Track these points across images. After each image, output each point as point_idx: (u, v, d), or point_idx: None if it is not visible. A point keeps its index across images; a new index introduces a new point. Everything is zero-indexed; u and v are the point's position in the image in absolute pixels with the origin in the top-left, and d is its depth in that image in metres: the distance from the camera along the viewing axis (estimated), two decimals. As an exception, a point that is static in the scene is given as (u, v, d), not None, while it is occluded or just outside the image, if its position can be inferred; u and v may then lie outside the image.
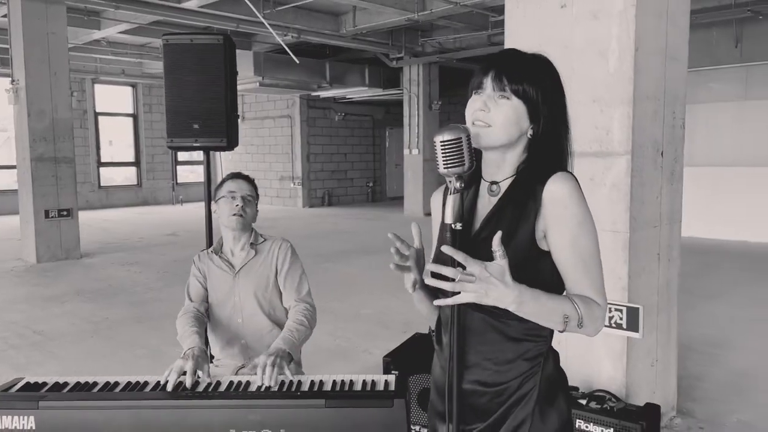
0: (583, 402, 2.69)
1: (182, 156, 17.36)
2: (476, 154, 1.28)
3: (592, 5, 2.91)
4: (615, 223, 2.93)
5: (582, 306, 1.22)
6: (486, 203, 1.35)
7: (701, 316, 5.42)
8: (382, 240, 9.88)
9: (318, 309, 2.50)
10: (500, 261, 1.14)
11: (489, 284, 1.13)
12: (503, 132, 1.27)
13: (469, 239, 1.29)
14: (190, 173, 17.98)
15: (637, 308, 2.86)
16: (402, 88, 14.02)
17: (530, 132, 1.30)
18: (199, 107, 2.84)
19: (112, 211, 15.07)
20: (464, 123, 1.31)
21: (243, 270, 2.47)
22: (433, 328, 1.45)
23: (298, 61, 9.60)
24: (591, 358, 3.04)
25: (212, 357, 2.55)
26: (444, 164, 1.19)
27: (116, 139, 16.83)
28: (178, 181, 17.50)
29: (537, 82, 1.29)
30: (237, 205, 2.41)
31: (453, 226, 1.20)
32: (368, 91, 14.67)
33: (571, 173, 1.30)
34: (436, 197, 1.48)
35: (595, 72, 2.93)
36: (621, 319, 2.89)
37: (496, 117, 1.27)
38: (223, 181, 2.53)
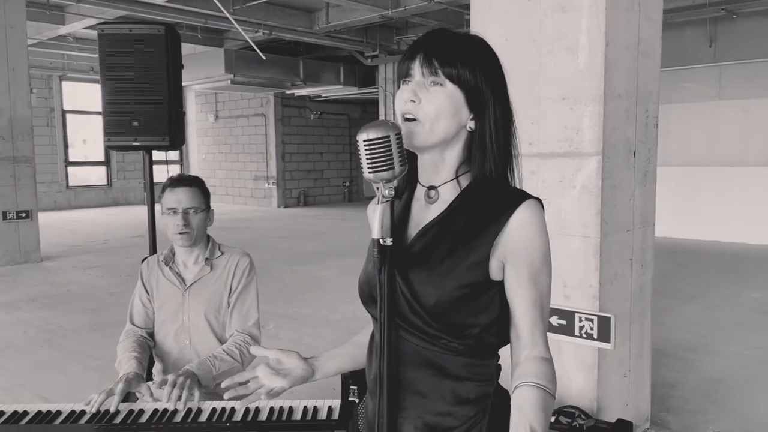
0: (552, 419, 2.52)
1: (156, 155, 16.94)
2: (410, 155, 1.10)
3: (560, -3, 2.75)
4: (585, 227, 2.78)
5: (551, 385, 1.08)
6: (422, 210, 1.15)
7: (675, 319, 5.32)
8: (357, 241, 9.73)
9: (285, 315, 2.29)
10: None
11: None
12: (438, 126, 1.08)
13: (401, 252, 1.10)
14: (163, 172, 17.61)
15: (609, 317, 2.70)
16: (377, 86, 13.84)
17: (470, 125, 1.11)
18: (139, 104, 2.61)
19: (81, 212, 14.67)
20: (395, 102, 1.13)
21: (194, 286, 2.24)
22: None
23: (264, 58, 9.36)
24: (561, 371, 2.87)
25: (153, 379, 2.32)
26: (369, 168, 1.00)
27: (90, 138, 16.40)
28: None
29: (475, 65, 1.09)
30: (178, 224, 2.15)
31: (382, 240, 1.01)
32: (343, 89, 14.46)
33: (539, 200, 1.11)
34: (370, 207, 1.24)
35: (565, 68, 2.77)
36: (592, 329, 2.73)
37: (428, 108, 1.07)
38: (163, 188, 2.25)
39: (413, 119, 1.08)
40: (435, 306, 1.05)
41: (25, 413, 1.71)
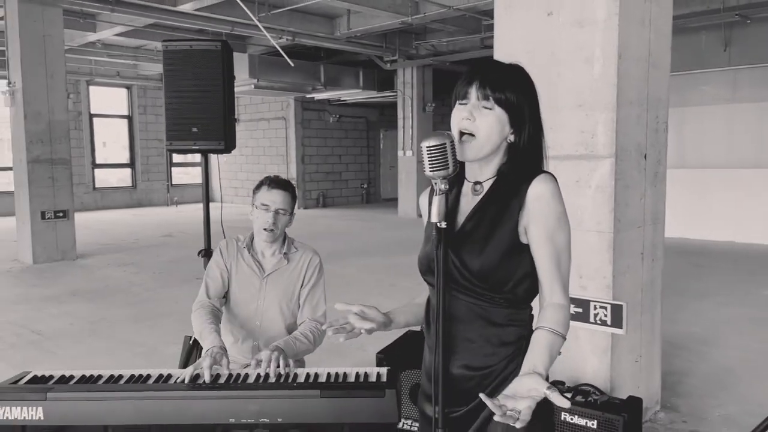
0: (569, 395, 2.79)
1: (177, 158, 17.40)
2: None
3: (577, 14, 3.02)
4: (600, 224, 3.04)
5: (562, 328, 1.36)
6: (469, 201, 1.46)
7: (690, 315, 5.54)
8: (377, 241, 10.03)
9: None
10: (544, 390, 1.24)
11: (532, 403, 1.23)
12: (488, 141, 1.39)
13: (454, 234, 1.40)
14: (185, 175, 18.03)
15: (621, 305, 2.96)
16: (396, 90, 14.14)
17: (511, 137, 1.41)
18: (197, 111, 2.93)
19: (107, 213, 15.12)
20: (452, 118, 1.43)
21: (272, 276, 2.49)
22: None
23: (293, 65, 9.68)
24: (577, 354, 3.15)
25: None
26: (430, 168, 1.30)
27: (110, 141, 16.86)
28: (173, 183, 17.56)
29: (517, 91, 1.40)
30: (268, 221, 2.41)
31: (439, 224, 1.30)
32: (362, 93, 14.78)
33: (553, 175, 1.41)
34: (424, 198, 1.59)
35: (581, 78, 3.04)
36: (606, 316, 2.99)
37: (481, 126, 1.38)
38: (261, 184, 2.49)
39: (469, 134, 1.38)
40: (480, 270, 1.36)
41: (120, 376, 2.01)
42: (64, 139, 8.62)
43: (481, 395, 1.21)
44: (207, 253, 3.10)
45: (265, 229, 2.42)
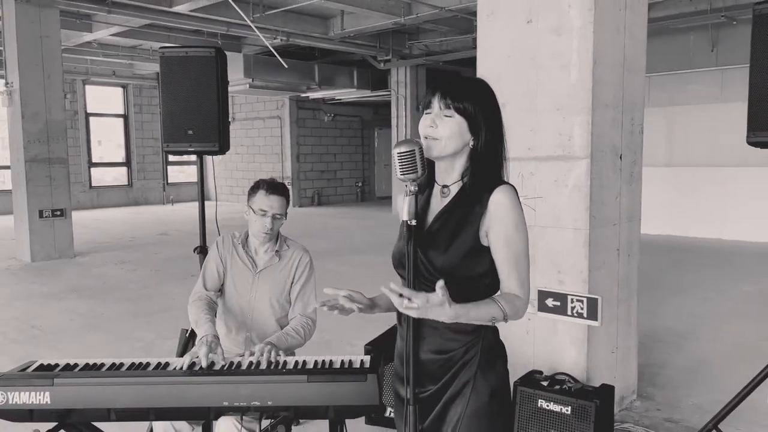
0: (545, 383, 2.95)
1: (173, 156, 17.52)
2: (429, 163, 1.55)
3: (554, 21, 3.17)
4: (576, 221, 3.20)
5: (506, 305, 1.49)
6: (438, 202, 1.62)
7: (669, 309, 5.71)
8: (371, 239, 10.18)
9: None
10: (440, 292, 1.39)
11: (429, 309, 1.40)
12: (449, 144, 1.55)
13: (423, 232, 1.56)
14: (180, 173, 18.16)
15: (596, 299, 3.13)
16: (390, 89, 14.28)
17: (471, 143, 1.57)
18: (193, 114, 3.08)
19: (103, 211, 15.24)
20: (419, 126, 1.59)
21: (264, 272, 2.64)
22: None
23: (286, 66, 9.84)
24: (556, 345, 3.31)
25: None
26: (401, 172, 1.46)
27: (105, 139, 16.96)
28: (169, 182, 17.69)
29: (475, 101, 1.56)
30: (265, 225, 2.55)
31: (408, 222, 1.46)
32: (357, 92, 14.92)
33: (512, 186, 1.57)
34: (400, 198, 1.72)
35: (559, 83, 3.19)
36: (582, 309, 3.15)
37: (442, 132, 1.54)
38: (258, 187, 2.60)
39: (433, 138, 1.54)
40: (442, 266, 1.53)
41: (122, 364, 2.16)
42: (61, 139, 8.74)
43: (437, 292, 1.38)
44: (203, 251, 3.25)
45: (263, 233, 2.57)
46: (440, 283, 1.38)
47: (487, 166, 1.58)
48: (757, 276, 7.19)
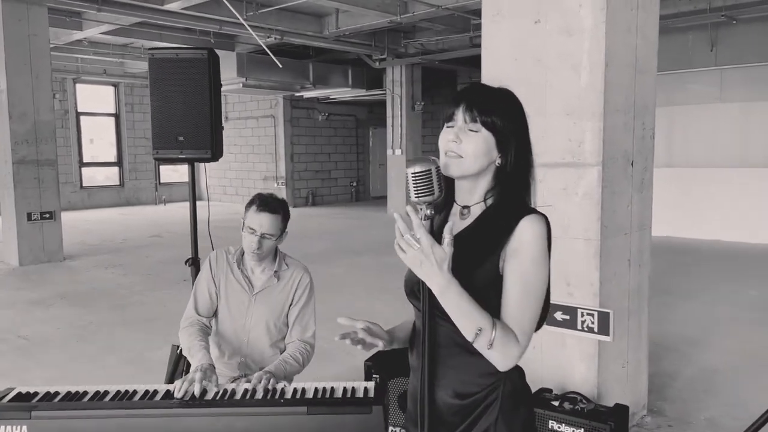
0: (556, 403, 2.80)
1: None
2: (448, 180, 1.38)
3: (564, 21, 3.02)
4: (587, 231, 3.05)
5: (500, 331, 1.28)
6: (457, 224, 1.43)
7: (677, 315, 5.58)
8: (366, 240, 10.03)
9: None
10: (446, 248, 1.25)
11: (427, 258, 1.24)
12: (474, 162, 1.37)
13: None
14: (173, 173, 17.92)
15: (608, 313, 2.98)
16: (385, 88, 14.12)
17: (498, 161, 1.40)
18: (184, 120, 2.90)
19: (95, 212, 15.01)
20: (439, 140, 1.41)
21: (262, 293, 2.46)
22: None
23: (281, 66, 9.64)
24: (565, 361, 3.16)
25: None
26: (415, 194, 1.28)
27: (97, 139, 16.73)
28: (161, 181, 17.46)
29: (505, 115, 1.39)
30: (253, 244, 2.36)
31: (423, 250, 1.29)
32: (351, 91, 14.75)
33: (544, 216, 1.38)
34: (412, 214, 1.54)
35: (568, 86, 3.05)
36: (593, 323, 3.01)
37: (467, 148, 1.36)
38: (252, 203, 2.41)
39: (456, 155, 1.37)
40: None
41: (106, 392, 2.00)
42: (50, 140, 8.54)
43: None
44: (194, 263, 3.08)
45: (252, 251, 2.39)
46: (448, 238, 1.24)
47: (514, 187, 1.41)
48: (761, 279, 7.08)
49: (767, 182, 9.58)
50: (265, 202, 2.39)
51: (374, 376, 3.03)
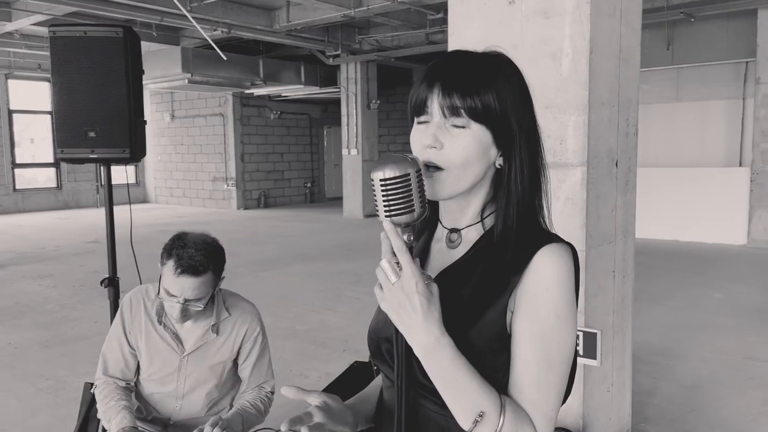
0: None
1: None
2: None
3: (542, 2, 2.65)
4: (570, 240, 2.68)
5: (511, 416, 0.86)
6: (443, 254, 1.01)
7: (642, 322, 5.32)
8: (321, 245, 9.56)
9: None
10: (433, 286, 0.85)
11: (408, 300, 0.82)
12: (464, 174, 0.93)
13: None
14: (116, 173, 16.98)
15: (595, 333, 2.63)
16: (339, 86, 13.67)
17: (499, 162, 0.97)
18: (95, 112, 2.40)
19: (30, 216, 14.04)
20: (411, 143, 0.97)
21: (195, 354, 1.92)
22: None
23: (225, 58, 9.11)
24: (545, 387, 2.79)
25: None
26: (386, 210, 0.84)
27: (38, 137, 15.75)
28: (103, 183, 16.54)
29: (503, 93, 0.95)
30: (175, 315, 1.81)
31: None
32: (304, 89, 14.23)
33: (570, 246, 0.98)
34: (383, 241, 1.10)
35: (548, 76, 2.67)
36: (578, 346, 2.65)
37: (453, 155, 0.92)
38: (170, 255, 1.77)
39: (435, 167, 0.92)
40: None
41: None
42: (-30, 139, 7.76)
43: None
44: (111, 282, 2.58)
45: (175, 319, 1.85)
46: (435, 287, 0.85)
47: (522, 199, 0.97)
48: (722, 281, 6.95)
49: (724, 182, 9.56)
50: (185, 263, 1.74)
51: None
